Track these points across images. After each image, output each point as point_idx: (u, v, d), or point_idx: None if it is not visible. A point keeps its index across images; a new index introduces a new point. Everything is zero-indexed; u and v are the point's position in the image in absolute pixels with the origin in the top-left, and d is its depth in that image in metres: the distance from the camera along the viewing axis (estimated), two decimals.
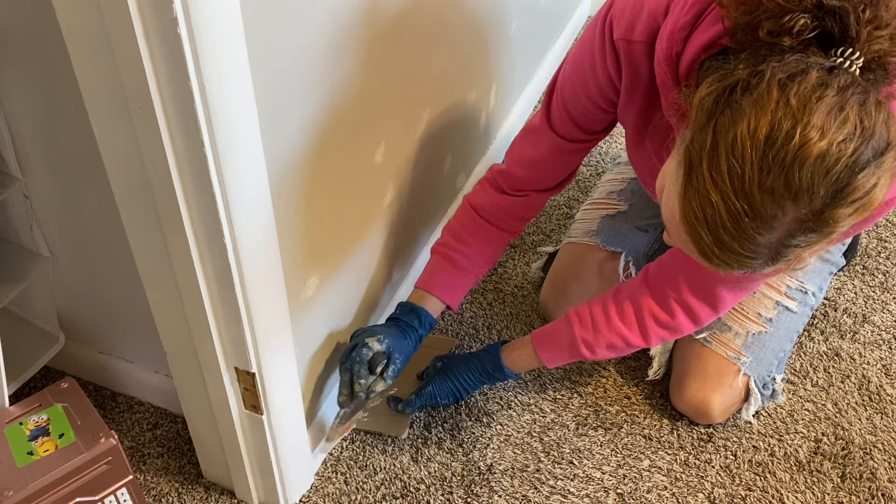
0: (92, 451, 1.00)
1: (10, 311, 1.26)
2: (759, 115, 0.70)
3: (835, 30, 0.73)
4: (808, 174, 0.70)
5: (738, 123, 0.71)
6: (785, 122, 0.70)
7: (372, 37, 1.06)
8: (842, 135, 0.69)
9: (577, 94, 1.09)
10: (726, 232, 0.74)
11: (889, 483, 1.24)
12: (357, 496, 1.22)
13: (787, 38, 0.73)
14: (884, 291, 1.53)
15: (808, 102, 0.69)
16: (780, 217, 0.73)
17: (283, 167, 0.94)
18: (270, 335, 0.99)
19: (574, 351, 1.19)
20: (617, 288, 1.19)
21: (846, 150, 0.69)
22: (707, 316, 1.14)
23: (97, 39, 0.73)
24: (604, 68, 1.02)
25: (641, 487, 1.24)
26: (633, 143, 1.13)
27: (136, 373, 1.31)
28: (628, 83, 1.02)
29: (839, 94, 0.70)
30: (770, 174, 0.71)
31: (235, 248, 0.87)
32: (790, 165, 0.70)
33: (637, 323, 1.15)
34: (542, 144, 1.18)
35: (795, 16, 0.73)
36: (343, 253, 1.19)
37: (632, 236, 1.41)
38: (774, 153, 0.70)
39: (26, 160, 1.07)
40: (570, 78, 1.10)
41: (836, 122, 0.69)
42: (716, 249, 0.76)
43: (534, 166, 1.21)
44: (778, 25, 0.74)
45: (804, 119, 0.69)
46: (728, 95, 0.73)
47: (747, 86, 0.72)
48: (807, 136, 0.69)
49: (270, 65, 0.85)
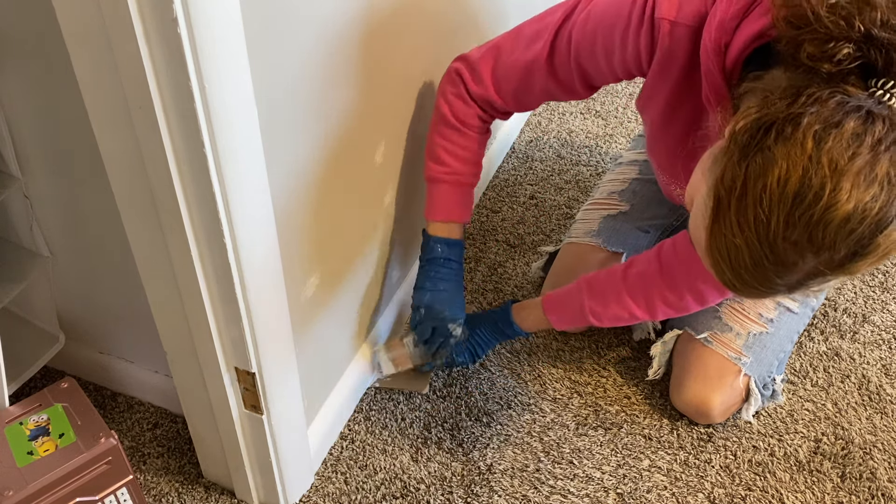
0: (92, 451, 1.00)
1: (10, 311, 1.27)
2: (790, 168, 0.70)
3: (878, 62, 0.72)
4: (831, 234, 0.71)
5: (769, 173, 0.71)
6: (815, 181, 0.69)
7: (372, 36, 1.06)
8: (869, 195, 0.69)
9: (597, 55, 1.06)
10: (747, 272, 0.76)
11: (889, 483, 1.24)
12: (357, 496, 1.22)
13: (828, 65, 0.72)
14: (884, 291, 1.53)
15: (839, 161, 0.69)
16: (801, 265, 0.74)
17: (283, 167, 0.94)
18: (270, 335, 0.99)
19: (582, 317, 1.23)
20: (630, 260, 1.21)
21: (871, 210, 0.69)
22: (714, 299, 1.17)
23: (97, 39, 0.73)
24: (635, 43, 1.00)
25: (641, 487, 1.24)
26: (656, 132, 1.11)
27: (136, 373, 1.31)
28: (660, 66, 0.99)
29: (872, 150, 0.69)
30: (795, 230, 0.72)
31: (235, 248, 0.87)
32: (815, 224, 0.71)
33: (645, 300, 1.18)
34: (535, 83, 1.14)
35: (840, 44, 0.72)
36: (343, 253, 1.19)
37: (633, 236, 1.41)
38: (801, 211, 0.71)
39: (26, 160, 1.07)
40: (593, 35, 1.05)
41: (865, 182, 0.69)
42: (736, 283, 0.79)
43: (518, 101, 1.18)
44: (820, 51, 0.73)
45: (834, 180, 0.69)
46: (762, 136, 0.72)
47: (782, 131, 0.71)
48: (835, 198, 0.69)
49: (270, 64, 0.85)
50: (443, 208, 1.26)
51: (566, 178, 1.79)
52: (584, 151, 1.87)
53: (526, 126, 1.96)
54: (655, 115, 1.08)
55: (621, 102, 2.03)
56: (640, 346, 1.44)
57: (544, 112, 2.00)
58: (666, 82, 1.01)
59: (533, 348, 1.44)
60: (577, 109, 2.01)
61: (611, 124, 1.95)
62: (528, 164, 1.84)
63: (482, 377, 1.39)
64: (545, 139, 1.91)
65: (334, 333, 1.24)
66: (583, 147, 1.88)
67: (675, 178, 1.19)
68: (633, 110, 2.00)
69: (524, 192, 1.76)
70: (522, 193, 1.76)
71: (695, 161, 0.84)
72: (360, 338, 1.34)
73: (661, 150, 1.14)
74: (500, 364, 1.41)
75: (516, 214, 1.71)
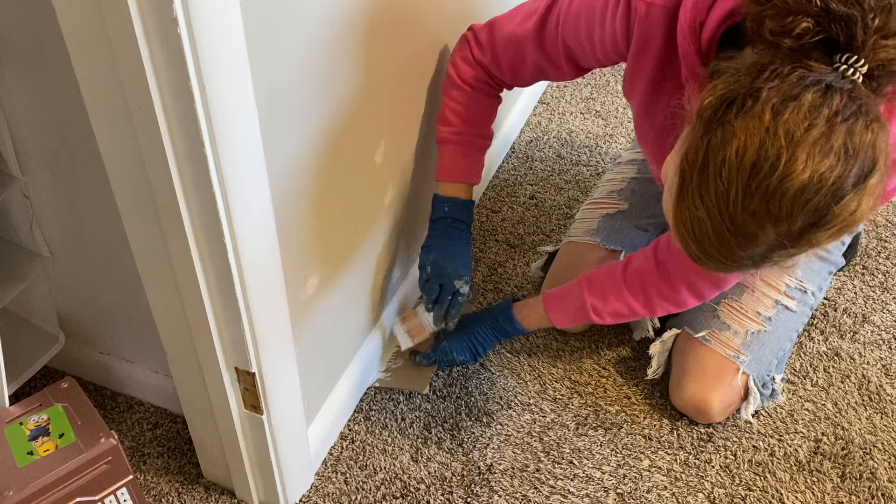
0: (92, 451, 1.00)
1: (10, 311, 1.27)
2: (748, 140, 0.72)
3: (840, 37, 0.72)
4: (788, 204, 0.73)
5: (728, 146, 0.73)
6: (771, 152, 0.71)
7: (372, 36, 1.07)
8: (824, 165, 0.71)
9: (580, 36, 1.08)
10: (711, 245, 0.78)
11: (889, 483, 1.24)
12: (357, 496, 1.22)
13: (789, 40, 0.73)
14: (884, 291, 1.53)
15: (795, 132, 0.70)
16: (761, 236, 0.76)
17: (283, 167, 0.94)
18: (270, 335, 0.99)
19: (583, 314, 1.23)
20: (629, 256, 1.22)
21: (827, 180, 0.71)
22: (710, 293, 1.18)
23: (97, 39, 0.73)
24: (612, 25, 1.01)
25: (641, 487, 1.24)
26: (642, 116, 1.12)
27: (136, 373, 1.31)
28: (638, 48, 1.00)
29: (828, 122, 0.70)
30: (753, 200, 0.73)
31: (235, 248, 0.87)
32: (772, 194, 0.72)
33: (643, 295, 1.19)
34: (527, 57, 1.17)
35: (798, 18, 0.73)
36: (343, 253, 1.19)
37: (632, 235, 1.41)
38: (758, 181, 0.73)
39: (26, 160, 1.07)
40: (577, 16, 1.07)
41: (820, 152, 0.71)
42: (701, 257, 0.81)
43: (513, 74, 1.22)
44: (780, 25, 0.74)
45: (790, 150, 0.71)
46: (724, 111, 0.74)
47: (742, 105, 0.73)
48: (790, 168, 0.71)
49: (270, 64, 0.86)
50: (449, 168, 1.28)
51: (566, 178, 1.79)
52: (584, 151, 1.87)
53: (526, 126, 1.96)
54: (639, 99, 1.09)
55: (621, 102, 2.03)
56: (640, 346, 1.44)
57: (544, 112, 2.00)
58: (646, 65, 1.02)
59: (533, 348, 1.44)
60: (577, 109, 2.01)
61: (611, 124, 1.95)
62: (528, 164, 1.84)
63: (482, 377, 1.39)
64: (545, 139, 1.91)
65: (334, 333, 1.24)
66: (583, 147, 1.88)
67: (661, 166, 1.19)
68: None
69: (524, 192, 1.76)
70: (522, 193, 1.76)
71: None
72: (360, 338, 1.34)
73: (648, 136, 1.15)
74: (500, 364, 1.41)
75: (516, 214, 1.71)
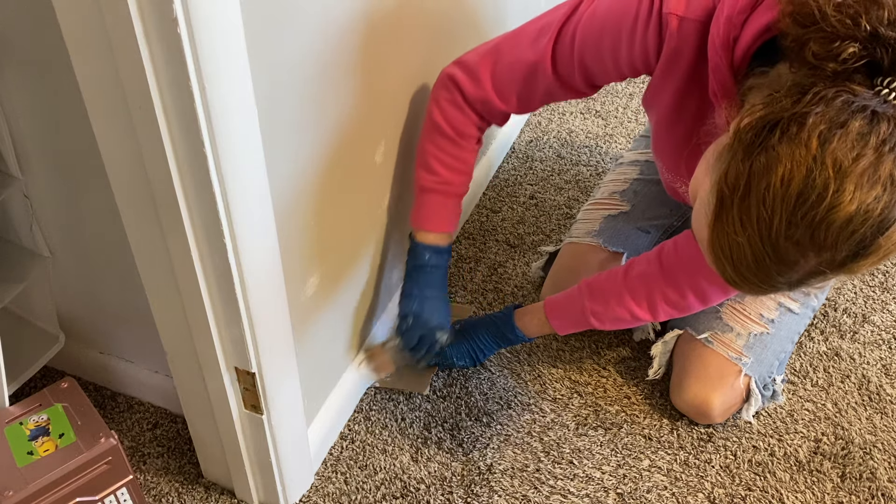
0: (92, 451, 1.00)
1: (10, 311, 1.27)
2: (794, 168, 0.70)
3: (884, 60, 0.71)
4: (833, 234, 0.71)
5: (773, 173, 0.71)
6: (818, 181, 0.69)
7: (372, 36, 1.06)
8: (872, 196, 0.69)
9: (602, 53, 1.05)
10: (748, 270, 0.76)
11: (889, 483, 1.24)
12: (357, 496, 1.22)
13: (833, 64, 0.72)
14: (884, 291, 1.53)
15: (843, 162, 0.69)
16: (802, 263, 0.74)
17: (283, 167, 0.94)
18: (270, 335, 0.99)
19: (584, 320, 1.22)
20: (630, 262, 1.20)
21: (874, 211, 0.69)
22: (717, 297, 1.16)
23: (97, 39, 0.73)
24: (642, 40, 0.99)
25: (641, 487, 1.24)
26: (662, 128, 1.11)
27: (136, 373, 1.31)
28: (667, 62, 0.99)
29: (877, 151, 0.69)
30: (797, 229, 0.71)
31: (235, 248, 0.87)
32: (818, 224, 0.71)
33: (647, 300, 1.17)
34: (537, 82, 1.12)
35: (846, 43, 0.71)
36: (343, 253, 1.19)
37: (634, 237, 1.41)
38: (804, 211, 0.71)
39: (26, 160, 1.07)
40: (599, 34, 1.04)
41: (868, 183, 0.69)
42: (737, 280, 0.79)
43: (520, 101, 1.17)
44: (826, 50, 0.72)
45: (838, 181, 0.69)
46: (767, 134, 0.72)
47: (786, 129, 0.71)
48: (838, 199, 0.69)
49: (270, 64, 0.85)
50: (432, 219, 1.25)
51: (566, 178, 1.79)
52: (584, 151, 1.87)
53: (526, 126, 1.96)
54: (662, 112, 1.07)
55: (621, 102, 2.03)
56: (640, 346, 1.44)
57: (544, 112, 2.00)
58: (673, 78, 1.00)
59: (533, 348, 1.44)
60: (577, 109, 2.01)
61: (611, 124, 1.95)
62: (528, 164, 1.84)
63: (482, 377, 1.39)
64: (545, 139, 1.91)
65: (334, 333, 1.24)
66: (583, 147, 1.88)
67: (679, 176, 1.19)
68: (633, 110, 2.00)
69: (524, 192, 1.76)
70: (522, 193, 1.76)
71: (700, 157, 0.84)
72: (360, 337, 1.34)
73: (667, 147, 1.14)
74: (500, 364, 1.41)
75: (516, 214, 1.71)
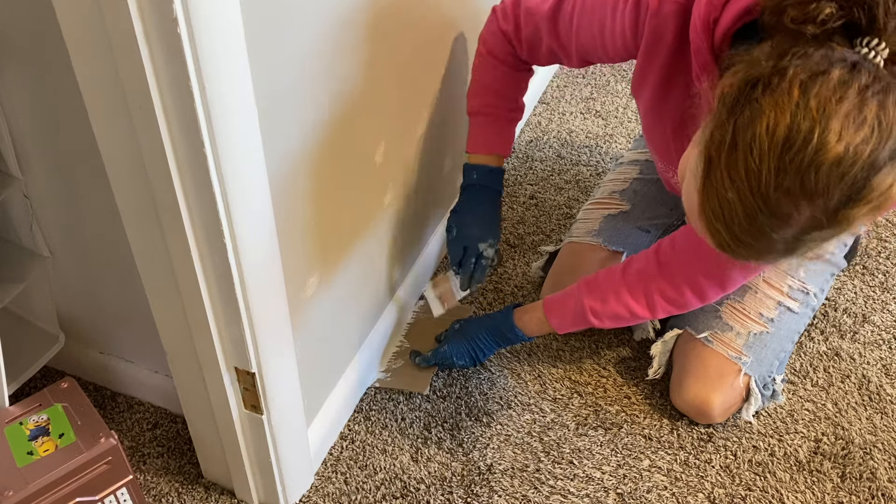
0: (92, 451, 1.00)
1: (10, 311, 1.27)
2: (778, 116, 0.70)
3: (862, 20, 0.72)
4: (823, 177, 0.70)
5: (757, 123, 0.71)
6: (803, 125, 0.69)
7: (372, 36, 1.06)
8: (859, 137, 0.69)
9: (593, 30, 1.07)
10: (741, 228, 0.75)
11: (889, 483, 1.24)
12: (357, 496, 1.22)
13: (812, 27, 0.72)
14: (884, 291, 1.53)
15: (827, 105, 0.69)
16: (795, 216, 0.73)
17: (283, 167, 0.94)
18: (270, 335, 0.99)
19: (582, 318, 1.21)
20: (629, 259, 1.21)
21: (863, 152, 0.69)
22: (715, 294, 1.16)
23: (97, 39, 0.73)
24: (620, 20, 1.00)
25: (641, 487, 1.24)
26: (649, 115, 1.11)
27: (136, 373, 1.31)
28: (648, 46, 1.00)
29: (859, 95, 0.69)
30: (786, 176, 0.71)
31: (235, 248, 0.87)
32: (806, 168, 0.70)
33: (645, 297, 1.17)
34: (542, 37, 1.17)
35: (821, 4, 0.72)
36: (343, 253, 1.19)
37: (634, 236, 1.41)
38: (791, 156, 0.70)
39: (26, 160, 1.07)
40: (591, 11, 1.07)
41: (854, 124, 0.69)
42: (731, 243, 0.78)
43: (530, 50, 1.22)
44: (803, 13, 0.73)
45: (822, 122, 0.69)
46: (749, 91, 0.73)
47: (768, 83, 0.72)
48: (824, 140, 0.69)
49: (270, 64, 0.85)
50: (479, 140, 1.30)
51: (566, 178, 1.79)
52: (584, 151, 1.87)
53: (526, 126, 1.96)
54: (648, 98, 1.08)
55: (621, 102, 2.03)
56: (640, 346, 1.44)
57: (544, 112, 2.00)
58: (656, 62, 1.01)
59: (533, 348, 1.44)
60: (577, 109, 2.01)
61: (611, 124, 1.95)
62: (528, 164, 1.84)
63: (482, 377, 1.39)
64: (545, 139, 1.91)
65: (334, 333, 1.24)
66: (583, 147, 1.88)
67: (671, 165, 1.19)
68: (634, 110, 2.00)
69: (524, 192, 1.76)
70: (522, 193, 1.76)
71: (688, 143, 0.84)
72: (360, 337, 1.34)
73: (656, 135, 1.14)
74: (500, 364, 1.41)
75: (516, 214, 1.71)
